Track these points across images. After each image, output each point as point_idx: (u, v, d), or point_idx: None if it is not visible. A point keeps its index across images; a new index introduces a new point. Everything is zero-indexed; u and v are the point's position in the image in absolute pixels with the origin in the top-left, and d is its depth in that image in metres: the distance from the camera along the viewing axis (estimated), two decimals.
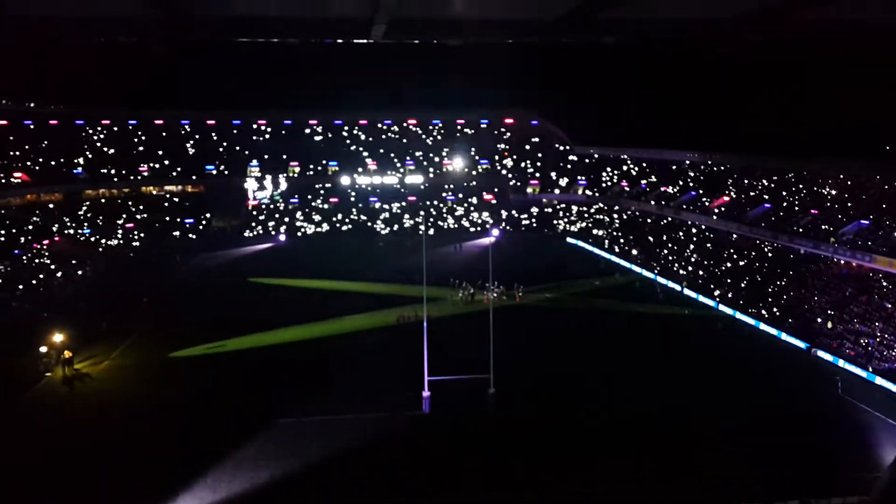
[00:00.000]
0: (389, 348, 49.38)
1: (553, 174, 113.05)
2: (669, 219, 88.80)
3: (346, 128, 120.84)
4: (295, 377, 43.99)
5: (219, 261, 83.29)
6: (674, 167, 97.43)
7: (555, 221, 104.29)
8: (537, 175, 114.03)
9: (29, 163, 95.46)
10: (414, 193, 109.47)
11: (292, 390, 41.72)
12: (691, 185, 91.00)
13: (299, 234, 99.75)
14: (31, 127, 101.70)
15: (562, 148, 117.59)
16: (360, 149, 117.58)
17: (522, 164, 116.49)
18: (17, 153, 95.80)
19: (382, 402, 39.63)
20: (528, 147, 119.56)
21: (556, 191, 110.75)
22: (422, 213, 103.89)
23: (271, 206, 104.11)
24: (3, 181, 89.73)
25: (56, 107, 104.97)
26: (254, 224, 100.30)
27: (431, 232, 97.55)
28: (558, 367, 46.01)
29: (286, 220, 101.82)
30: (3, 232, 76.60)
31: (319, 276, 72.32)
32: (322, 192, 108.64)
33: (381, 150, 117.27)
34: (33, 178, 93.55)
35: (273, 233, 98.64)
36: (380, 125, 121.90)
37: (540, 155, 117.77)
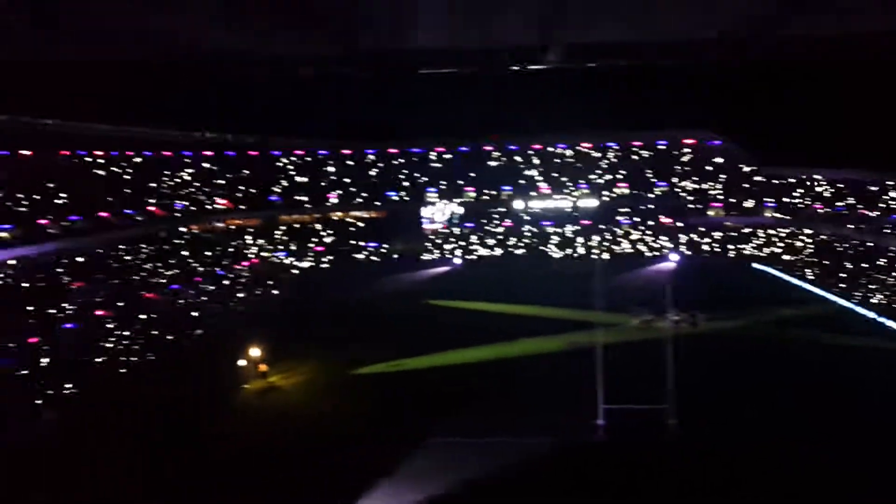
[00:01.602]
0: (562, 373, 48.88)
1: (737, 196, 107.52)
2: (870, 244, 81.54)
3: (520, 153, 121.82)
4: (467, 398, 44.72)
5: (398, 283, 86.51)
6: (874, 188, 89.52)
7: (739, 246, 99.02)
8: (720, 197, 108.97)
9: (231, 190, 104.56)
10: (588, 217, 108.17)
11: (464, 410, 42.44)
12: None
13: (474, 257, 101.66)
14: (233, 157, 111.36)
15: (747, 168, 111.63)
16: (534, 173, 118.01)
17: (703, 186, 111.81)
18: (221, 182, 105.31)
19: (553, 427, 39.28)
20: (709, 168, 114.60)
21: (741, 214, 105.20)
22: (596, 237, 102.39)
23: (447, 231, 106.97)
24: (209, 207, 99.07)
25: (254, 138, 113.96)
26: (431, 248, 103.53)
27: (606, 256, 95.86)
28: (744, 400, 43.44)
29: (461, 243, 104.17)
30: (208, 253, 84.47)
31: (493, 298, 73.16)
32: (496, 216, 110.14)
33: (555, 174, 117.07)
34: (235, 204, 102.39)
35: (449, 256, 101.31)
36: (554, 149, 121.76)
37: (723, 176, 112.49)
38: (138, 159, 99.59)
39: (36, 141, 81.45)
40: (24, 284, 60.75)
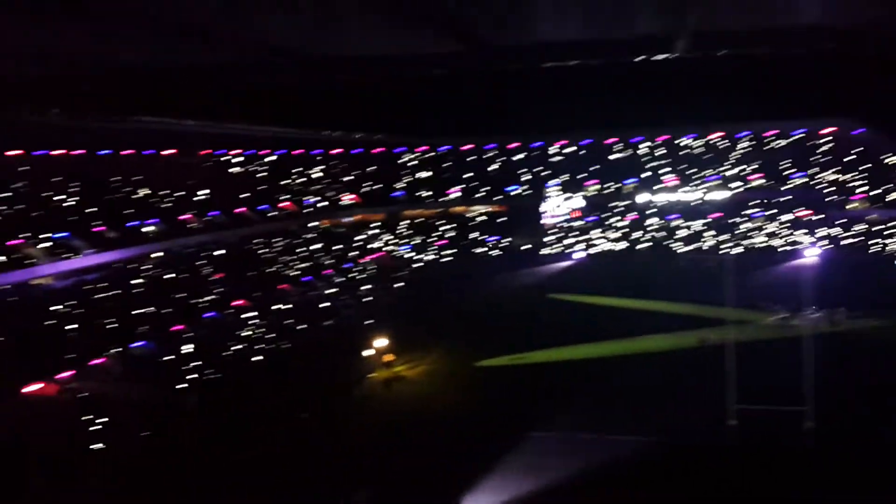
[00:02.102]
0: (691, 371, 47.35)
1: (881, 188, 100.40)
2: None
3: (646, 144, 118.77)
4: (590, 394, 44.22)
5: (520, 277, 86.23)
6: None
7: (884, 241, 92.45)
8: (862, 189, 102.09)
9: (357, 186, 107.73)
10: (718, 210, 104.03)
11: (587, 406, 42.00)
12: None
13: (597, 251, 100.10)
14: (360, 154, 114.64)
15: (892, 159, 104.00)
16: (660, 165, 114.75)
17: (844, 177, 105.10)
18: (349, 178, 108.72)
19: (680, 427, 38.16)
20: (851, 158, 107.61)
21: (886, 206, 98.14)
22: (726, 231, 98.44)
23: (568, 225, 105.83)
24: (338, 202, 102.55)
25: (379, 136, 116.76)
26: (552, 242, 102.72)
27: (738, 251, 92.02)
28: (887, 405, 40.55)
29: (584, 237, 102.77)
30: (338, 247, 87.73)
31: (617, 294, 71.68)
32: (620, 209, 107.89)
33: (683, 166, 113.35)
34: (361, 199, 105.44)
35: (571, 250, 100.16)
36: (681, 140, 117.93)
37: (866, 166, 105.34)
38: (272, 158, 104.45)
39: (179, 141, 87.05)
40: (168, 276, 65.10)
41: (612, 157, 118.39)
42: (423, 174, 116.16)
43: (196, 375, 48.92)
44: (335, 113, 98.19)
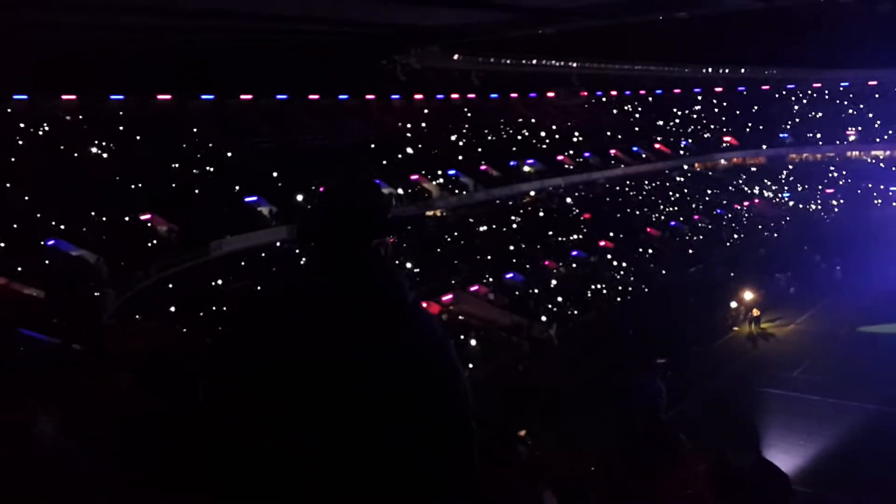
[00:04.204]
0: None
1: None
2: None
3: None
4: None
5: None
6: None
7: None
8: None
9: (738, 127, 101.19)
10: None
11: None
12: None
13: None
14: (744, 92, 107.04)
15: None
16: None
17: None
18: (729, 118, 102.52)
19: None
20: None
21: None
22: None
23: None
24: (714, 145, 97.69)
25: (768, 72, 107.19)
26: None
27: None
28: None
29: None
30: (709, 192, 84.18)
31: None
32: None
33: None
34: (741, 141, 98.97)
35: None
36: None
37: None
38: (650, 98, 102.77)
39: (561, 83, 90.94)
40: (541, 213, 69.03)
41: None
42: (815, 114, 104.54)
43: (558, 309, 51.60)
44: (719, 47, 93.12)
